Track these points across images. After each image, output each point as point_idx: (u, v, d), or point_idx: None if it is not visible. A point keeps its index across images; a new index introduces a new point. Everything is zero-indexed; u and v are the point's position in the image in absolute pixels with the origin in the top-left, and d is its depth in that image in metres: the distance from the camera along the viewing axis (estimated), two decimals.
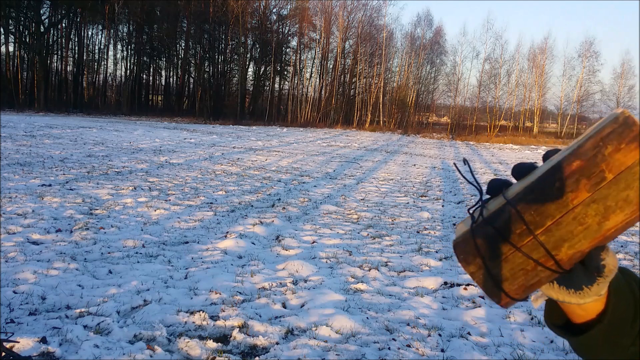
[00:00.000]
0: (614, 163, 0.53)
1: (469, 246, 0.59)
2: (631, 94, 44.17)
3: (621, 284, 0.61)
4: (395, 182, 11.85)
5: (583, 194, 0.54)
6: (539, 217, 0.55)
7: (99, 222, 6.16)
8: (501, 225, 0.57)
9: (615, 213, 0.54)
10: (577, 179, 0.54)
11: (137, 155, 13.20)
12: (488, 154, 24.53)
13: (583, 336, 0.61)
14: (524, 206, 0.56)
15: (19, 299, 3.71)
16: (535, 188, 0.56)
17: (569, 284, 0.58)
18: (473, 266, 0.59)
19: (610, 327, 0.59)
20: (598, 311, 0.60)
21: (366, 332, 3.56)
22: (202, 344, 3.23)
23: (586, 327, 0.61)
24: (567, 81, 45.70)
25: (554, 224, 0.55)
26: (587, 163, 0.54)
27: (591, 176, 0.53)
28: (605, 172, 0.53)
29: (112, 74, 45.01)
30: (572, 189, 0.54)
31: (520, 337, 3.63)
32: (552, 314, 0.65)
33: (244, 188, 9.39)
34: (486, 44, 59.99)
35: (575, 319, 0.62)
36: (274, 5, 46.15)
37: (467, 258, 0.59)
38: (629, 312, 0.60)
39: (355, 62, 45.50)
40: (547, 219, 0.55)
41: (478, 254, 0.58)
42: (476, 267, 0.59)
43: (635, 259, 5.92)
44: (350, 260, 5.31)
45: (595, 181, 0.54)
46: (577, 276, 0.58)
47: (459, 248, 0.60)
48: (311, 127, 38.31)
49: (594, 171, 0.53)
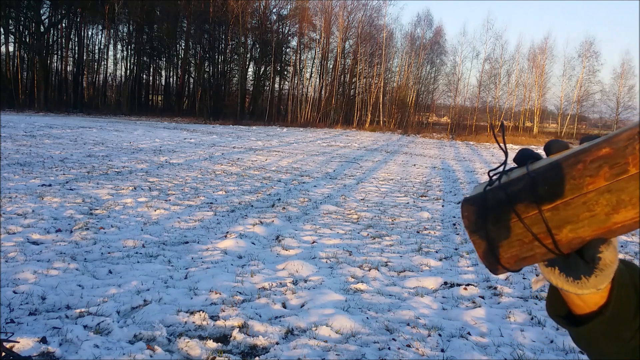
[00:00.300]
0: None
1: (476, 205, 0.59)
2: (631, 94, 44.18)
3: (625, 277, 0.61)
4: (395, 182, 11.85)
5: (600, 182, 0.53)
6: (550, 194, 0.55)
7: (99, 222, 6.16)
8: (513, 193, 0.57)
9: (627, 209, 0.53)
10: (600, 165, 0.53)
11: (137, 155, 13.20)
12: (488, 154, 24.52)
13: (583, 327, 0.61)
14: (541, 180, 0.56)
15: (19, 299, 3.71)
16: (558, 165, 0.56)
17: (568, 272, 0.58)
18: (473, 225, 0.60)
19: (610, 321, 0.59)
20: (598, 304, 0.60)
21: (366, 332, 3.56)
22: (202, 344, 3.23)
23: (587, 319, 0.61)
24: (567, 81, 45.73)
25: (562, 204, 0.55)
26: (615, 152, 0.53)
27: (614, 165, 0.53)
28: (630, 165, 0.52)
29: (112, 74, 45.06)
30: (591, 173, 0.54)
31: (520, 337, 3.63)
32: (553, 303, 0.65)
33: (244, 188, 9.39)
34: (486, 44, 59.92)
35: (575, 309, 0.62)
36: (274, 5, 46.20)
37: (470, 216, 0.60)
38: (631, 306, 0.60)
39: (355, 62, 45.50)
40: (557, 198, 0.55)
41: (482, 215, 0.59)
42: (476, 228, 0.59)
43: (635, 259, 5.92)
44: (350, 260, 5.31)
45: (616, 171, 0.53)
46: (576, 265, 0.58)
47: (466, 205, 0.60)
48: (311, 127, 38.31)
49: (618, 161, 0.53)
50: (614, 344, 0.60)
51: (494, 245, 0.59)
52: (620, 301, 0.59)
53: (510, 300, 4.37)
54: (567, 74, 45.72)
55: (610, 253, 0.56)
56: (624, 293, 0.60)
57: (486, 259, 0.60)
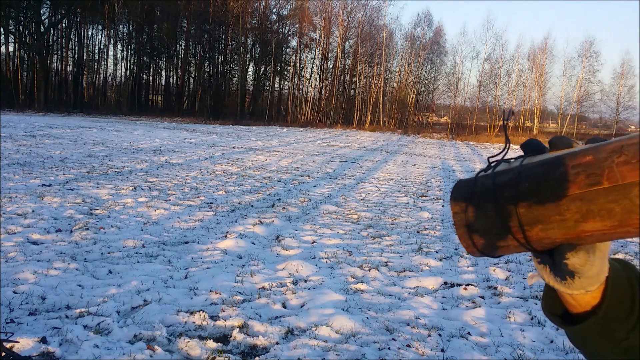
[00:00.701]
0: (616, 173, 0.51)
1: (465, 188, 0.62)
2: (631, 94, 44.15)
3: (621, 278, 0.61)
4: (395, 182, 11.85)
5: (575, 188, 0.54)
6: (529, 191, 0.56)
7: (99, 222, 6.16)
8: (499, 183, 0.58)
9: (595, 220, 0.53)
10: (578, 172, 0.53)
11: (137, 155, 13.20)
12: (488, 154, 24.53)
13: (577, 327, 0.62)
14: (525, 176, 0.57)
15: (19, 299, 3.71)
16: (546, 164, 0.56)
17: (556, 272, 0.58)
18: (458, 207, 0.62)
19: (603, 321, 0.60)
20: (591, 304, 0.60)
21: (366, 332, 3.56)
22: (202, 344, 3.23)
23: (581, 318, 0.62)
24: (567, 81, 45.67)
25: (536, 202, 0.55)
26: (595, 162, 0.53)
27: (590, 175, 0.53)
28: (604, 177, 0.52)
29: (112, 74, 45.07)
30: (570, 179, 0.54)
31: (520, 337, 3.62)
32: (549, 301, 0.66)
33: (244, 188, 9.39)
34: (486, 44, 59.88)
35: (570, 308, 0.63)
36: (274, 5, 46.20)
37: (457, 197, 0.62)
38: (624, 307, 0.60)
39: (355, 62, 45.50)
40: (533, 196, 0.56)
41: (467, 198, 0.61)
42: (460, 209, 0.61)
43: (635, 259, 5.92)
44: (350, 260, 5.31)
45: (591, 181, 0.53)
46: (564, 265, 0.58)
47: (457, 186, 0.63)
48: (311, 127, 38.31)
49: (595, 172, 0.53)
50: (607, 343, 0.61)
51: (472, 229, 0.60)
52: (614, 302, 0.60)
53: (510, 300, 4.37)
54: (567, 74, 45.72)
55: (578, 259, 0.56)
56: (618, 294, 0.60)
57: (464, 241, 0.62)
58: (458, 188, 0.63)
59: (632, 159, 0.51)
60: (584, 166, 0.53)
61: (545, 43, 45.71)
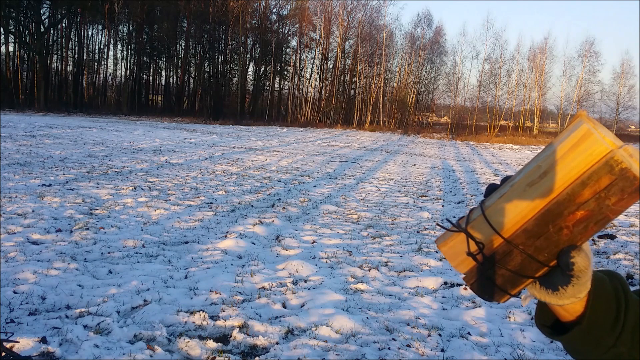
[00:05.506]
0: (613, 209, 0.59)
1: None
2: (631, 94, 44.17)
3: (606, 288, 0.64)
4: (395, 182, 11.85)
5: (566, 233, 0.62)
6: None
7: (99, 222, 6.16)
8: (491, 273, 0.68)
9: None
10: (586, 225, 0.60)
11: (137, 155, 13.20)
12: (488, 153, 24.53)
13: (565, 336, 0.65)
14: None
15: (19, 299, 3.71)
16: (541, 219, 0.62)
17: (547, 285, 0.63)
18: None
19: (588, 329, 0.63)
20: (579, 312, 0.64)
21: (366, 332, 3.56)
22: (202, 344, 3.23)
23: (570, 327, 0.65)
24: (567, 81, 45.67)
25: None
26: (591, 213, 0.60)
27: (599, 222, 0.60)
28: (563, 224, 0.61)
29: (112, 74, 45.08)
30: (578, 231, 0.61)
31: (520, 337, 3.63)
32: (540, 314, 0.70)
33: (244, 188, 9.39)
34: (486, 44, 59.98)
35: (561, 318, 0.66)
36: (274, 5, 46.20)
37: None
38: (609, 315, 0.63)
39: (355, 62, 45.49)
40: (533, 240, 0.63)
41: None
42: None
43: (635, 259, 5.92)
44: (350, 260, 5.30)
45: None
46: (555, 277, 0.62)
47: (470, 285, 0.71)
48: (311, 127, 38.30)
49: (600, 218, 0.60)
50: (595, 350, 0.64)
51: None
52: (596, 311, 0.63)
53: (510, 300, 4.36)
54: (567, 74, 45.72)
55: (582, 259, 0.60)
56: (600, 303, 0.63)
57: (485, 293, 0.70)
58: (472, 285, 0.71)
59: (624, 195, 0.59)
60: (586, 219, 0.62)
61: (545, 43, 45.74)
